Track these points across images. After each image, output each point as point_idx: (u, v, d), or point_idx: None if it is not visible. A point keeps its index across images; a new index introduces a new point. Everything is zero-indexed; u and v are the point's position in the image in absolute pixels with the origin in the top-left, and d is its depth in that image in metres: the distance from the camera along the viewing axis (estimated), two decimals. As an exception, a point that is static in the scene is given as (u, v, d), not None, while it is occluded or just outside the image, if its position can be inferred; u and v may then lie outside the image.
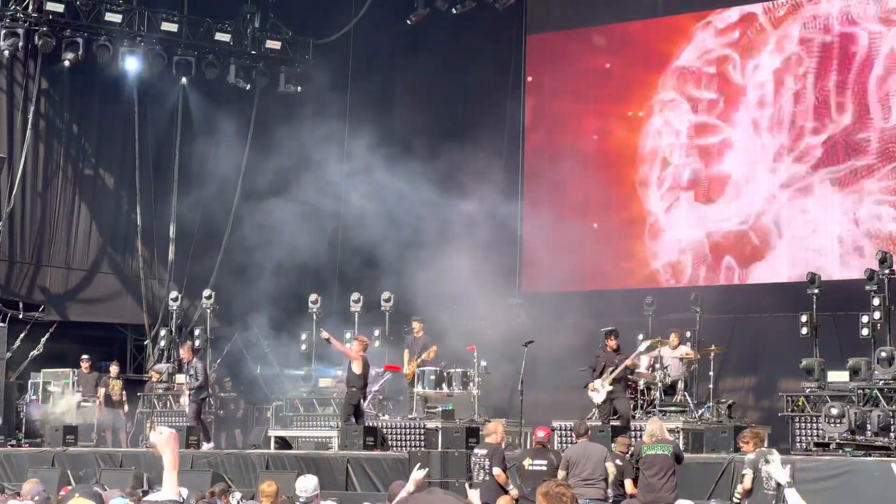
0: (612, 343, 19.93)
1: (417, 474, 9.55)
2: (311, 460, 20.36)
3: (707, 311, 23.80)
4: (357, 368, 20.96)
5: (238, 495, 16.85)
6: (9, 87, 27.92)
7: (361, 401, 21.21)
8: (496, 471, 16.18)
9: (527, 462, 16.55)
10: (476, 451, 16.74)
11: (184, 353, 23.19)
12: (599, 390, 19.76)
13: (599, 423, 19.42)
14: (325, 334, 21.46)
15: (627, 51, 28.28)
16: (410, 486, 9.23)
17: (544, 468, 16.17)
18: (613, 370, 19.72)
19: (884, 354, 19.72)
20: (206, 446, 22.31)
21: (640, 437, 17.78)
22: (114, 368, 26.46)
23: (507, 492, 15.60)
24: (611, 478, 16.19)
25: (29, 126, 27.87)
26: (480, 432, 19.00)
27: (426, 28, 28.85)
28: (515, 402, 21.59)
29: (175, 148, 29.72)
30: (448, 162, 26.55)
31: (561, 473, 16.00)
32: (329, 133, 28.74)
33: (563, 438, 20.20)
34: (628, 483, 16.43)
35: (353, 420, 20.99)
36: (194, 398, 22.49)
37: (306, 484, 10.60)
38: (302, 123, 28.70)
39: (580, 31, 28.99)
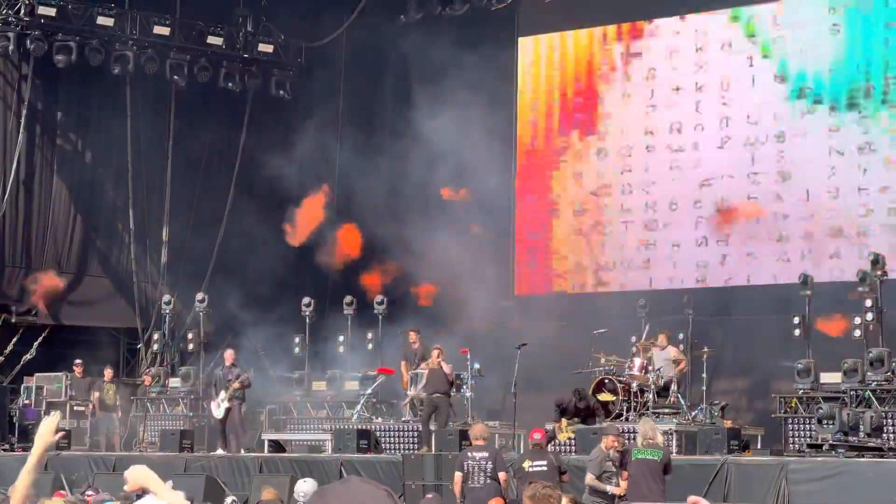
0: None
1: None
2: (305, 463, 20.37)
3: (699, 313, 23.81)
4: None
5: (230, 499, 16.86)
6: (1, 89, 27.85)
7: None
8: (503, 475, 16.33)
9: (527, 464, 16.62)
10: (472, 453, 16.70)
11: (227, 357, 23.21)
12: None
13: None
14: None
15: (617, 52, 28.30)
16: None
17: (545, 468, 16.30)
18: None
19: (876, 356, 19.76)
20: (220, 451, 22.33)
21: (633, 439, 17.78)
22: (108, 372, 26.42)
23: (504, 498, 15.70)
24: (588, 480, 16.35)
25: (21, 129, 27.79)
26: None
27: (418, 30, 28.84)
28: (508, 404, 21.60)
29: (168, 150, 29.65)
30: (441, 165, 26.55)
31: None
32: (321, 136, 28.72)
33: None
34: (618, 484, 16.41)
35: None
36: (236, 399, 22.54)
37: (305, 488, 10.63)
38: (295, 126, 28.71)
39: (572, 33, 28.97)
